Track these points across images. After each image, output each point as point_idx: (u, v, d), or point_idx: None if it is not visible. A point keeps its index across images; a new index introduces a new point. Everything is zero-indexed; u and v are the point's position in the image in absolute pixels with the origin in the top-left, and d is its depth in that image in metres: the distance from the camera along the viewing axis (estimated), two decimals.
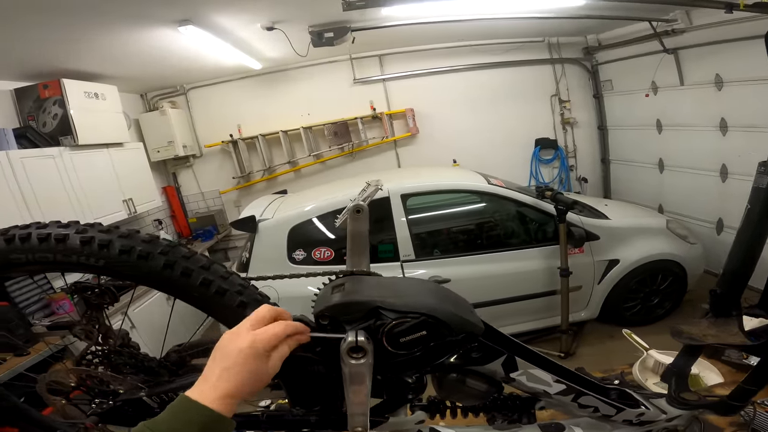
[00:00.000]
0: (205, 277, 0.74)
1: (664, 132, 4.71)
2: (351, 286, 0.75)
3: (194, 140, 5.37)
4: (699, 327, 0.99)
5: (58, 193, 3.30)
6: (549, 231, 3.35)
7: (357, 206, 0.85)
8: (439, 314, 0.67)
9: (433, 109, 5.42)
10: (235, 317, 0.76)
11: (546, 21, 4.12)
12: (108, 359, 0.90)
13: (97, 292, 0.85)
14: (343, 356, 0.66)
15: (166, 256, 0.72)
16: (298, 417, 0.84)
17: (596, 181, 5.89)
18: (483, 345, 0.73)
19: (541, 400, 0.89)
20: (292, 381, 0.85)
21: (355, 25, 3.43)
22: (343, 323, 0.70)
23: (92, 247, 0.71)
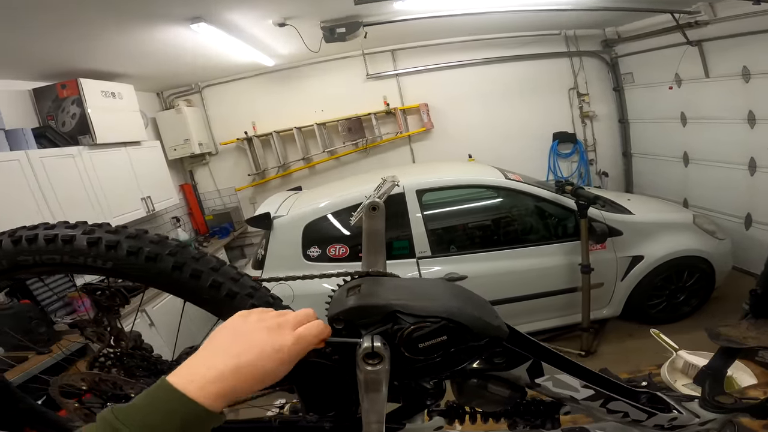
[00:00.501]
0: (215, 278, 0.71)
1: (689, 125, 4.54)
2: (367, 288, 0.71)
3: (210, 138, 5.41)
4: (738, 329, 0.92)
5: (77, 192, 3.36)
6: (569, 227, 3.27)
7: (372, 203, 0.81)
8: (461, 318, 0.63)
9: (447, 103, 5.34)
10: None
11: (563, 13, 4.00)
12: (120, 362, 0.88)
13: (108, 293, 0.83)
14: (359, 362, 0.63)
15: (174, 257, 0.69)
16: (312, 423, 0.81)
17: (618, 176, 5.73)
18: (507, 350, 0.68)
19: (566, 405, 0.84)
20: (306, 386, 0.82)
21: (367, 20, 3.38)
22: (359, 327, 0.67)
23: (99, 249, 0.69)
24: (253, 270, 3.30)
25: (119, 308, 0.85)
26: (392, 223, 3.29)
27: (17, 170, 2.88)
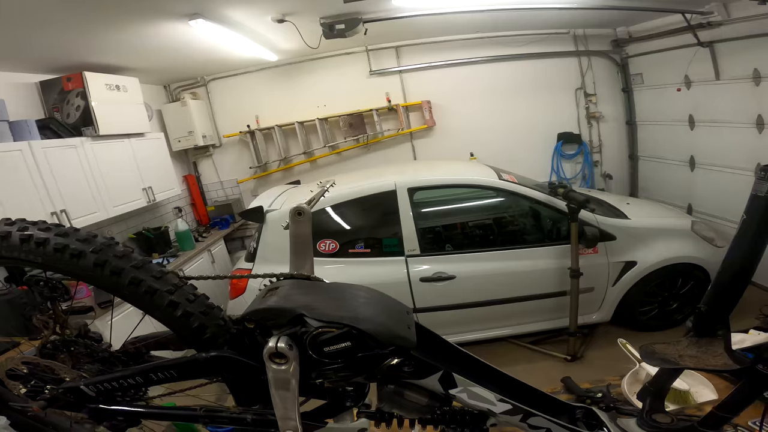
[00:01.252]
0: (135, 275, 0.74)
1: (697, 128, 4.44)
2: (285, 290, 0.73)
3: (214, 130, 5.48)
4: (677, 347, 0.91)
5: (78, 182, 3.44)
6: (562, 229, 3.23)
7: (298, 208, 0.83)
8: (365, 326, 0.65)
9: (450, 101, 5.31)
10: (167, 317, 0.77)
11: (573, 12, 3.94)
12: (66, 349, 0.93)
13: (50, 285, 0.88)
14: (266, 361, 0.65)
15: (96, 254, 0.73)
16: (235, 414, 0.86)
17: (623, 178, 5.63)
18: (415, 359, 0.70)
19: (492, 417, 0.85)
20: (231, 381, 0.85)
21: (367, 17, 3.38)
22: (270, 328, 0.69)
23: (30, 245, 0.72)
24: (246, 262, 3.35)
25: (60, 299, 0.90)
26: (382, 221, 3.31)
27: (20, 160, 2.96)
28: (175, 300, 0.76)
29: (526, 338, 3.39)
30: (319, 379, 0.73)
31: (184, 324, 0.77)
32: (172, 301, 0.76)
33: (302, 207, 0.84)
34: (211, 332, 0.79)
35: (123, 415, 0.95)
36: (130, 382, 0.86)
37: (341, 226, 3.32)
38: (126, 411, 0.93)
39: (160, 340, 1.01)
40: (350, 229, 3.36)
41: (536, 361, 3.18)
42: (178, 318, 0.77)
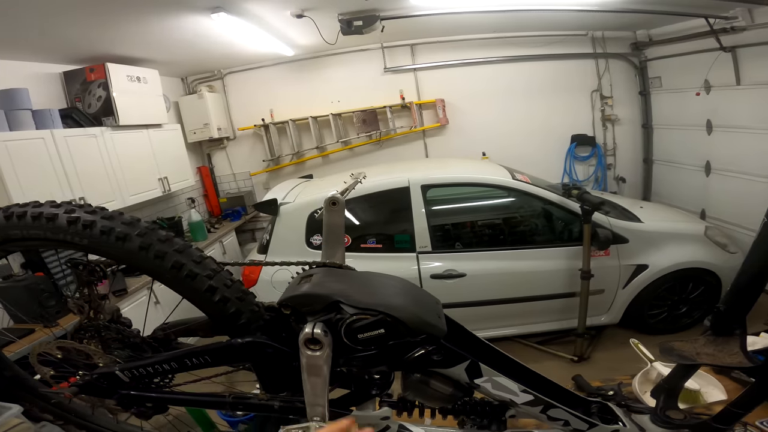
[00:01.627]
0: (178, 260, 0.76)
1: (715, 133, 4.38)
2: (318, 278, 0.76)
3: (229, 123, 5.54)
4: (694, 345, 0.93)
5: (97, 170, 3.51)
6: (574, 231, 3.23)
7: (332, 198, 0.85)
8: (399, 314, 0.67)
9: (464, 100, 5.30)
10: (204, 301, 0.79)
11: (593, 14, 3.90)
12: (98, 334, 0.95)
13: (89, 268, 0.89)
14: (301, 347, 0.68)
15: (141, 238, 0.75)
16: (263, 401, 0.87)
17: (636, 182, 5.59)
18: (444, 348, 0.72)
19: (511, 408, 0.87)
20: (261, 367, 0.87)
21: (385, 14, 3.39)
22: (305, 315, 0.71)
23: (77, 227, 0.75)
24: (258, 254, 3.40)
25: (97, 282, 0.92)
26: (395, 217, 3.33)
27: (42, 148, 3.03)
28: (214, 285, 0.78)
29: (534, 338, 3.40)
30: (348, 366, 0.75)
31: (221, 309, 0.79)
32: (211, 286, 0.77)
33: (336, 197, 0.86)
34: (246, 318, 0.80)
35: (153, 402, 0.96)
36: (164, 368, 0.88)
37: (353, 221, 3.35)
38: (158, 397, 0.95)
39: (190, 326, 1.04)
40: (362, 224, 3.39)
41: (543, 361, 3.19)
42: (215, 303, 0.79)
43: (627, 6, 3.59)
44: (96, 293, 0.97)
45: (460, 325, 0.78)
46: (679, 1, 3.31)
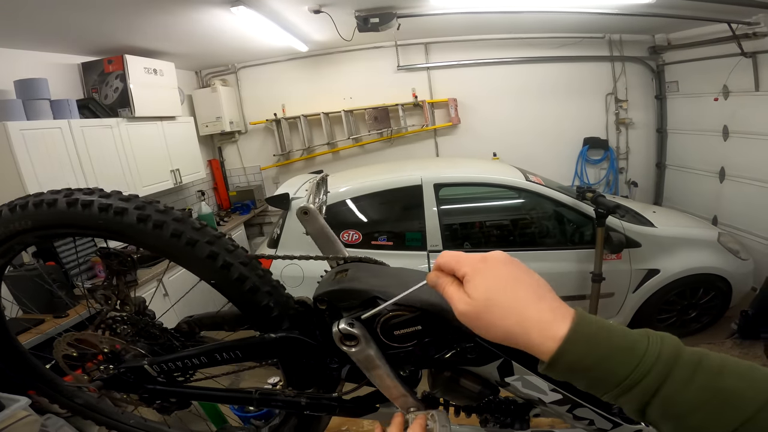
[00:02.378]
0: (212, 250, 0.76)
1: (731, 139, 4.34)
2: (354, 273, 0.75)
3: (241, 117, 5.56)
4: (721, 347, 0.93)
5: (111, 161, 3.54)
6: (586, 234, 3.22)
7: (303, 209, 0.85)
8: (437, 310, 0.67)
9: (476, 100, 5.29)
10: (236, 293, 0.79)
11: (610, 17, 3.86)
12: (124, 326, 0.93)
13: (120, 259, 0.88)
14: (338, 345, 0.67)
15: (176, 224, 0.75)
16: (290, 398, 0.86)
17: (648, 187, 5.55)
18: (479, 346, 0.72)
19: (536, 407, 0.87)
20: (290, 362, 0.87)
21: (401, 12, 3.38)
22: (341, 310, 0.71)
23: (109, 215, 0.75)
24: (268, 248, 3.41)
25: (128, 273, 0.90)
26: (406, 214, 3.33)
27: (59, 137, 3.07)
28: (246, 274, 0.77)
29: None
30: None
31: (253, 301, 0.78)
32: (242, 275, 0.77)
33: (307, 207, 0.85)
34: (277, 312, 0.80)
35: (179, 397, 0.94)
36: (194, 362, 0.85)
37: (365, 218, 3.35)
38: (185, 392, 0.93)
39: (215, 319, 1.03)
40: (374, 220, 3.40)
41: None
42: (245, 293, 0.78)
43: (651, 10, 3.56)
44: (125, 284, 0.94)
45: None
46: (703, 6, 3.27)
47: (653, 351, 0.43)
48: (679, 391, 0.41)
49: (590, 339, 0.45)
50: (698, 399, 0.41)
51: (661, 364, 0.42)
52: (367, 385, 0.88)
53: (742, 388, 0.41)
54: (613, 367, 0.43)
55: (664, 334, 0.45)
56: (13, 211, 0.79)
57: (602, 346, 0.44)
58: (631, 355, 0.43)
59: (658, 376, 0.42)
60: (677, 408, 0.41)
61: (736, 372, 0.42)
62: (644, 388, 0.42)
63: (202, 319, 1.01)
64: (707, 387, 0.41)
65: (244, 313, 0.83)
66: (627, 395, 0.43)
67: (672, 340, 0.45)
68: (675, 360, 0.43)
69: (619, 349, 0.44)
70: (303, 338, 0.79)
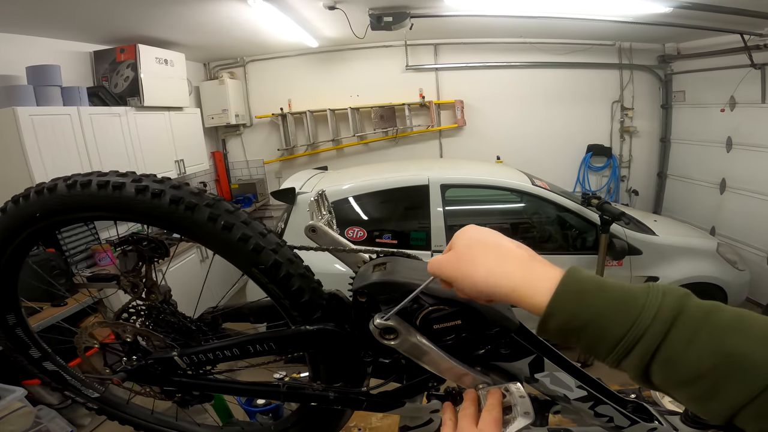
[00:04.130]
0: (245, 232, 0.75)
1: (734, 151, 4.38)
2: (392, 266, 0.74)
3: (246, 110, 5.55)
4: None
5: (117, 149, 3.55)
6: (589, 240, 3.25)
7: (311, 227, 0.87)
8: (478, 306, 0.68)
9: (483, 102, 5.31)
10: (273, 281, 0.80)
11: (622, 25, 3.87)
12: (150, 315, 0.90)
13: (152, 244, 0.86)
14: (379, 339, 0.67)
15: (210, 208, 0.74)
16: (318, 392, 0.85)
17: (648, 195, 5.59)
18: (514, 342, 0.73)
19: (557, 404, 0.89)
20: (320, 355, 0.87)
21: (415, 12, 3.39)
22: (380, 303, 0.72)
23: (145, 197, 0.73)
24: None
25: (159, 260, 0.89)
26: (411, 214, 3.35)
27: (67, 124, 3.07)
28: (280, 260, 0.76)
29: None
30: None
31: (292, 293, 0.78)
32: (277, 261, 0.76)
33: (313, 224, 0.87)
34: (311, 304, 0.80)
35: (205, 390, 0.93)
36: (227, 354, 0.84)
37: (370, 215, 3.36)
38: (212, 385, 0.92)
39: (241, 311, 1.03)
40: (378, 218, 3.41)
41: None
42: (280, 279, 0.77)
43: (664, 20, 3.57)
44: (155, 271, 0.92)
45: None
46: (716, 17, 3.28)
47: (651, 307, 0.38)
48: (679, 354, 0.36)
49: (581, 295, 0.41)
50: (703, 363, 0.35)
51: (658, 322, 0.37)
52: (394, 381, 0.89)
53: (756, 352, 0.34)
54: (607, 326, 0.39)
55: (669, 286, 0.41)
56: (71, 188, 0.76)
57: (593, 303, 0.40)
58: (625, 312, 0.38)
59: (654, 336, 0.37)
60: (680, 373, 0.36)
61: (753, 331, 0.35)
62: (642, 350, 0.37)
63: (226, 310, 1.01)
64: (713, 350, 0.35)
65: (278, 304, 0.82)
66: (627, 359, 0.38)
67: (675, 294, 0.39)
68: (676, 316, 0.37)
69: (612, 306, 0.39)
70: (339, 331, 0.79)
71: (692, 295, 0.40)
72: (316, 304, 0.82)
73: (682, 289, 0.40)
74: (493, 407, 0.57)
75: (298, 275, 0.80)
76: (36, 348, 1.01)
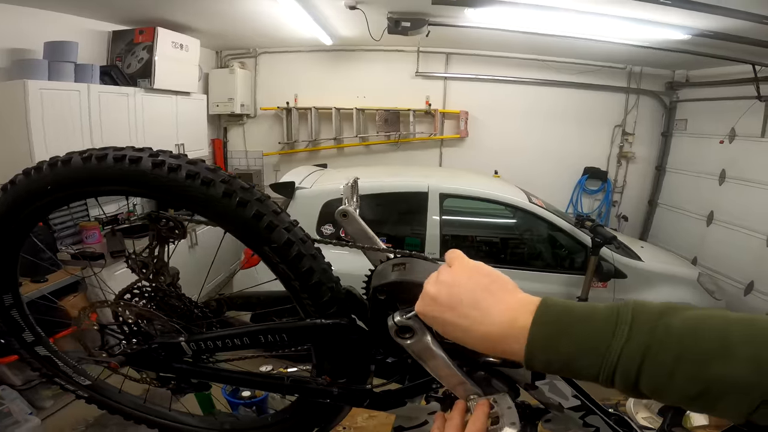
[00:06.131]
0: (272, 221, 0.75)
1: (726, 184, 4.47)
2: (411, 266, 0.75)
3: (252, 101, 5.55)
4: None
5: (121, 128, 3.56)
6: (577, 260, 3.33)
7: (342, 211, 0.87)
8: None
9: (487, 115, 5.37)
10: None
11: (636, 49, 3.87)
12: (154, 298, 0.87)
13: (169, 225, 0.83)
14: (396, 339, 0.67)
15: (243, 193, 0.75)
16: (322, 386, 0.85)
17: (637, 222, 5.70)
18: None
19: (549, 413, 0.93)
20: (325, 350, 0.87)
21: (434, 20, 3.42)
22: (398, 302, 0.72)
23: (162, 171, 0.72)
24: None
25: (175, 240, 0.85)
26: (408, 219, 3.39)
27: (75, 100, 3.08)
28: (292, 239, 0.76)
29: None
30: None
31: (312, 285, 0.79)
32: (289, 240, 0.75)
33: (345, 209, 0.87)
34: (328, 297, 0.80)
35: (206, 378, 0.91)
36: (236, 343, 0.82)
37: (366, 217, 3.37)
38: (216, 374, 0.89)
39: (250, 299, 1.04)
40: (374, 220, 3.44)
41: None
42: (291, 259, 0.77)
43: (680, 46, 3.57)
44: (168, 253, 0.88)
45: None
46: (730, 46, 3.26)
47: (615, 347, 0.39)
48: (663, 385, 0.37)
49: (549, 343, 0.43)
50: (689, 390, 0.36)
51: (626, 361, 0.38)
52: (395, 382, 0.92)
53: (745, 377, 0.34)
54: (580, 369, 0.41)
55: (639, 309, 0.40)
56: (87, 161, 0.74)
57: (562, 349, 0.42)
58: (595, 354, 0.40)
59: (626, 374, 0.38)
60: (671, 399, 0.37)
61: (738, 353, 0.35)
62: (621, 384, 0.39)
63: (234, 298, 1.00)
64: (697, 379, 0.36)
65: (288, 287, 0.81)
66: (615, 388, 0.40)
67: (642, 326, 0.39)
68: (645, 352, 0.37)
69: (581, 350, 0.41)
70: (356, 326, 0.80)
71: (667, 313, 0.39)
72: (333, 298, 0.83)
73: (654, 311, 0.40)
74: (478, 419, 0.59)
75: (309, 255, 0.80)
76: (30, 331, 0.97)
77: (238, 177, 0.78)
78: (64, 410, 2.63)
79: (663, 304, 0.41)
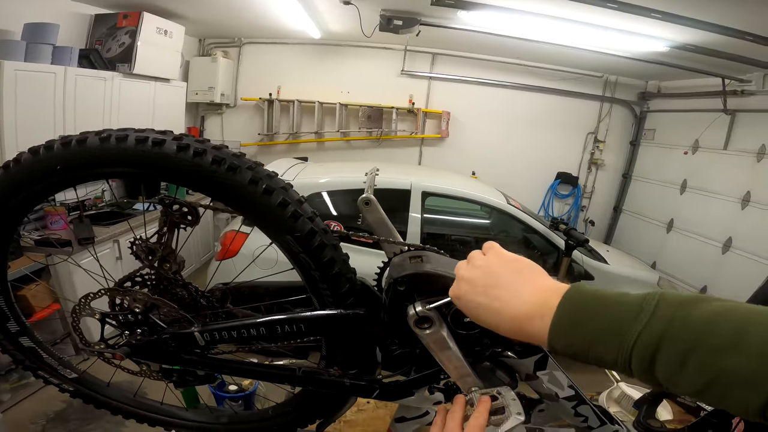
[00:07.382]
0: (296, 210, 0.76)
1: (686, 193, 4.72)
2: (428, 259, 0.78)
3: (233, 91, 5.44)
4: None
5: (96, 113, 3.43)
6: (549, 261, 3.46)
7: (365, 199, 0.90)
8: None
9: (467, 117, 5.48)
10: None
11: (615, 59, 3.99)
12: (158, 286, 0.85)
13: (182, 211, 0.82)
14: (414, 329, 0.70)
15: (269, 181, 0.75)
16: (333, 378, 0.86)
17: (602, 226, 5.96)
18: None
19: (543, 403, 0.99)
20: (337, 341, 0.89)
21: (425, 20, 3.46)
22: (416, 294, 0.73)
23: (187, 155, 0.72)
24: (245, 226, 3.35)
25: (186, 227, 0.84)
26: (390, 216, 3.39)
27: (51, 82, 2.96)
28: (315, 228, 0.76)
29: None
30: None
31: (333, 276, 0.79)
32: (313, 229, 0.75)
33: (369, 197, 0.90)
34: (346, 288, 0.81)
35: (216, 370, 0.88)
36: (252, 333, 0.80)
37: (348, 211, 3.38)
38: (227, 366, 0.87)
39: (257, 290, 1.05)
40: (355, 215, 3.45)
41: None
42: (314, 249, 0.77)
43: (657, 58, 3.69)
44: (176, 240, 0.86)
45: None
46: (704, 59, 3.36)
47: (633, 333, 0.40)
48: (674, 374, 0.38)
49: (573, 325, 0.44)
50: (697, 382, 0.37)
51: (641, 347, 0.39)
52: (402, 375, 0.92)
53: (750, 369, 0.35)
54: (601, 354, 0.42)
55: (659, 303, 0.41)
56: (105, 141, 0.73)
57: (585, 332, 0.43)
58: (614, 340, 0.41)
59: (642, 361, 0.39)
60: (682, 389, 0.38)
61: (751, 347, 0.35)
62: (638, 371, 0.40)
63: (240, 287, 1.03)
64: (706, 370, 0.37)
65: (306, 276, 0.81)
66: (632, 376, 0.42)
67: (662, 315, 0.39)
68: (660, 341, 0.39)
69: (602, 334, 0.42)
70: (374, 317, 0.80)
71: (690, 304, 0.40)
72: (351, 289, 0.84)
73: (677, 301, 0.41)
74: (481, 414, 0.60)
75: (331, 246, 0.80)
76: (15, 321, 0.93)
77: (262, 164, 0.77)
78: (23, 404, 2.55)
79: (690, 295, 0.41)
